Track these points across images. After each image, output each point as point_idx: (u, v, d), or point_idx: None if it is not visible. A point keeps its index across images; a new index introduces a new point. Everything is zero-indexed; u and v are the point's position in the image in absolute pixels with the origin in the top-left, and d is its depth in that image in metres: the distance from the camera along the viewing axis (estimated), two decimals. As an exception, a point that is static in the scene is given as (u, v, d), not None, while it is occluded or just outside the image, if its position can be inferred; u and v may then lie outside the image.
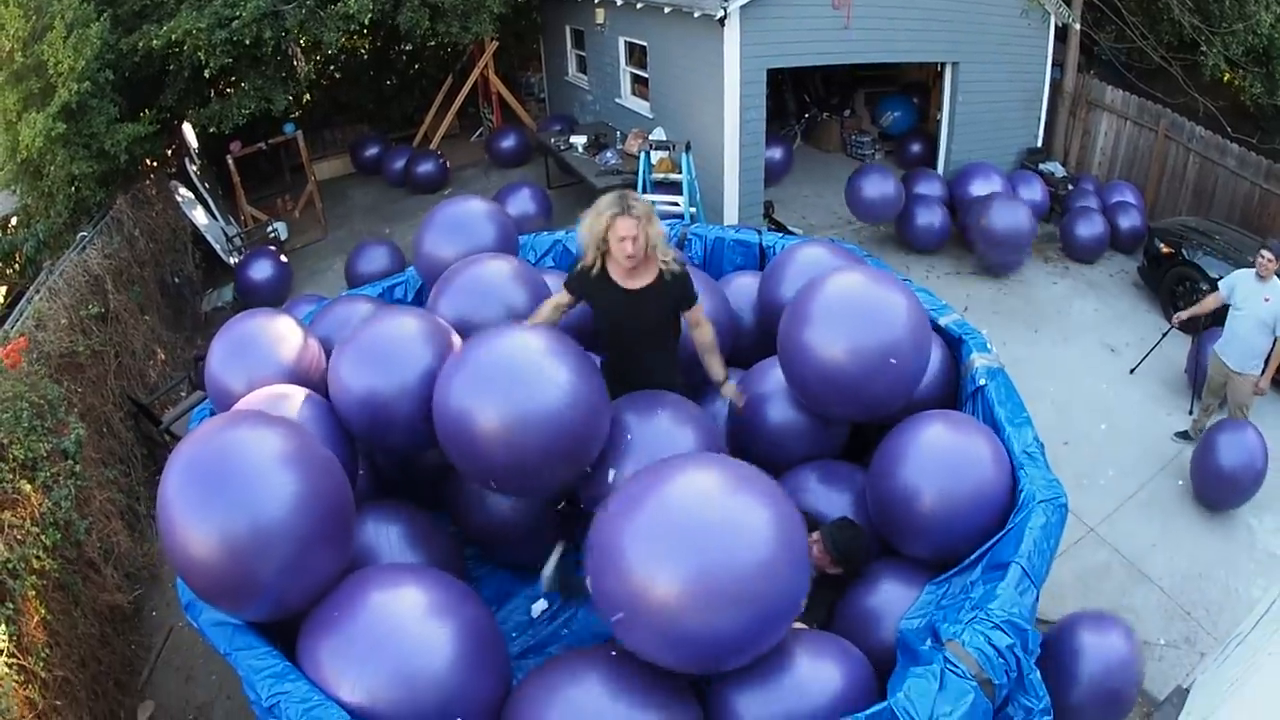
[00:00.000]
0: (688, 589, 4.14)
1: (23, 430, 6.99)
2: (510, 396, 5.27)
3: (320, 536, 4.71)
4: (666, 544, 4.24)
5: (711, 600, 4.16)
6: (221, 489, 4.48)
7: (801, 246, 7.78)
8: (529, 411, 5.24)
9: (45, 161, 12.26)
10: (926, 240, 14.50)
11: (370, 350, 6.10)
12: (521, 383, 5.33)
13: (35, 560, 6.31)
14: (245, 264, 14.23)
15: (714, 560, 4.19)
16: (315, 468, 4.79)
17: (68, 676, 6.35)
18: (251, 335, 6.61)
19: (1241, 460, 8.86)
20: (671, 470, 4.57)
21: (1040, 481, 5.41)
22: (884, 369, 5.91)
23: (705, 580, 4.16)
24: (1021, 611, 4.65)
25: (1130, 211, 14.95)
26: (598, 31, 17.95)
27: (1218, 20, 16.68)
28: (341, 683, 4.37)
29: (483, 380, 5.39)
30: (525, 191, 14.19)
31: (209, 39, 13.32)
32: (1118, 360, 11.85)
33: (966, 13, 14.74)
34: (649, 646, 4.42)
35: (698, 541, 4.22)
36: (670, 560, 4.19)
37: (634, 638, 4.42)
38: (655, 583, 4.17)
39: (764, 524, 4.33)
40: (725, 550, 4.21)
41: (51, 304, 9.48)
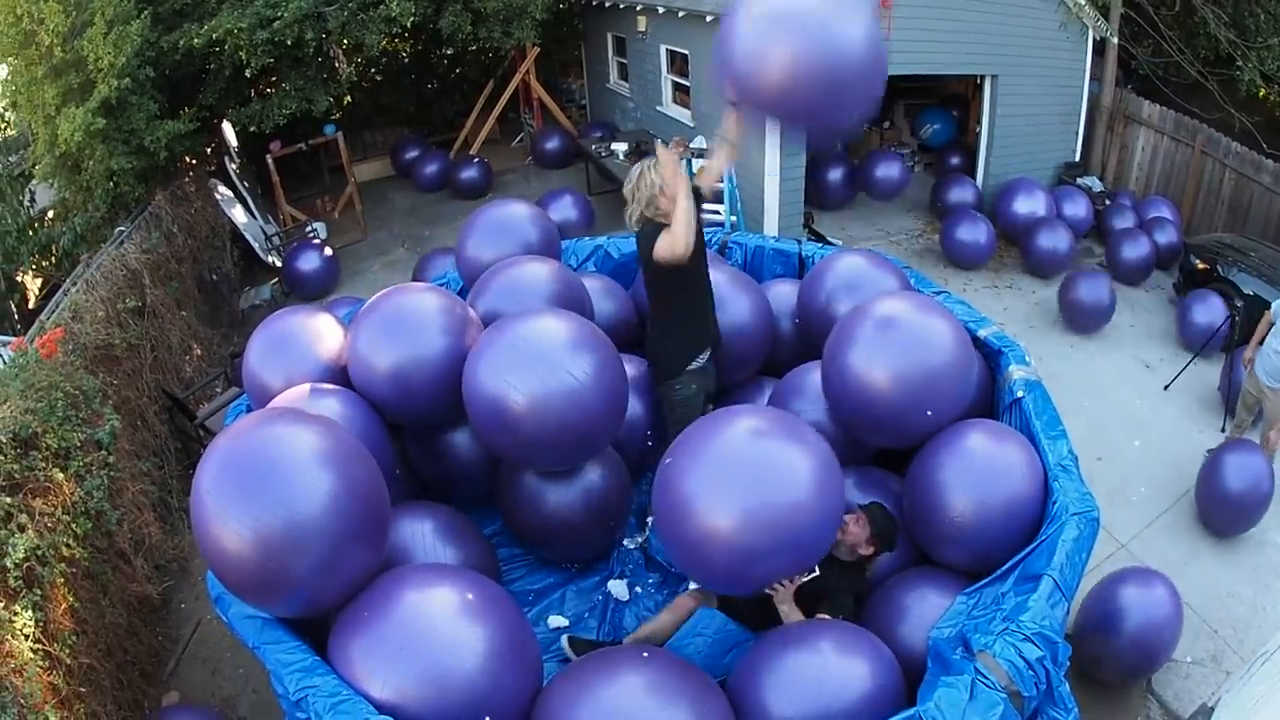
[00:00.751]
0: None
1: (57, 420, 7.02)
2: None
3: (354, 535, 4.71)
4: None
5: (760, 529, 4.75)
6: (257, 484, 4.50)
7: (840, 256, 7.81)
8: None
9: (84, 156, 12.37)
10: (972, 256, 14.44)
11: (388, 320, 6.35)
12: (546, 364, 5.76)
13: (65, 548, 6.35)
14: (294, 255, 14.46)
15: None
16: (351, 466, 4.80)
17: (93, 664, 6.39)
18: (290, 332, 6.75)
19: (1247, 483, 8.79)
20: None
21: (1074, 494, 5.39)
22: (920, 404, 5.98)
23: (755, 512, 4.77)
24: (1052, 624, 4.63)
25: (1167, 227, 14.86)
26: (639, 39, 17.95)
27: (1253, 35, 16.62)
28: (372, 681, 4.38)
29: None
30: (568, 198, 14.27)
31: (250, 39, 13.42)
32: (1153, 376, 11.78)
33: (1005, 26, 14.70)
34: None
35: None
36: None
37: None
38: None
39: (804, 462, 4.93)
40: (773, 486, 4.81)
41: (89, 296, 9.57)
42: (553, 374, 5.82)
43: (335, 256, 15.01)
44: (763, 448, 4.99)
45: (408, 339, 6.42)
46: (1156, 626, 6.86)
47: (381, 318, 6.54)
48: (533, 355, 5.87)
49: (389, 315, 6.55)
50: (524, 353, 5.88)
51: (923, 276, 8.05)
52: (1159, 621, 6.87)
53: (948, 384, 6.05)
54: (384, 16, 14.47)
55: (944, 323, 6.20)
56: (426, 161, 19.38)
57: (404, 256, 16.06)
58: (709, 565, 5.05)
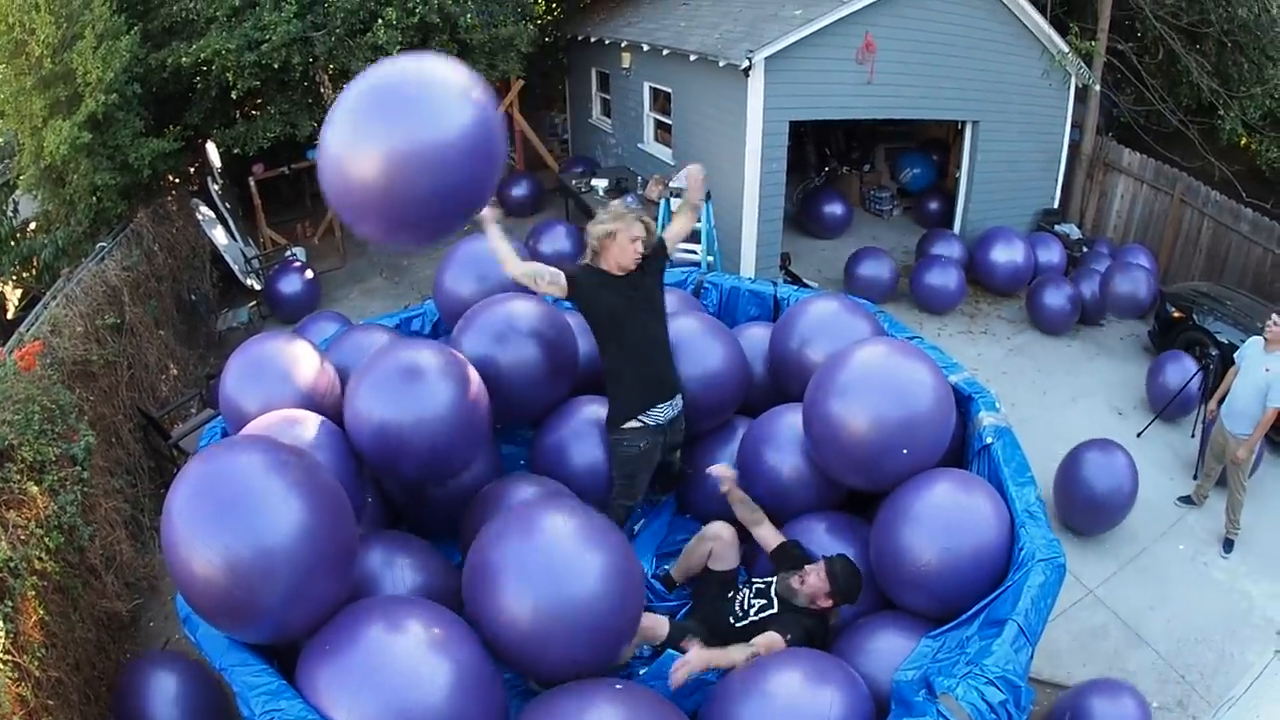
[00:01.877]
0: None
1: (33, 433, 7.04)
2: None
3: (323, 565, 4.74)
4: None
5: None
6: (227, 511, 4.53)
7: (814, 300, 7.86)
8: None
9: (68, 169, 12.38)
10: (941, 301, 14.53)
11: (387, 381, 6.23)
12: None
13: (37, 561, 6.35)
14: (276, 278, 14.53)
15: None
16: (322, 496, 4.83)
17: (61, 678, 6.37)
18: (267, 358, 6.74)
19: (1110, 485, 8.99)
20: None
21: (1040, 540, 5.43)
22: (899, 446, 6.04)
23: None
24: (1016, 668, 4.66)
25: (1143, 275, 14.86)
26: (623, 76, 18.13)
27: (1236, 84, 16.84)
28: (336, 711, 4.39)
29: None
30: (560, 229, 14.34)
31: (238, 60, 13.49)
32: (1125, 424, 11.86)
33: (988, 72, 14.87)
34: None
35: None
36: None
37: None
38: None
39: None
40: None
41: (68, 311, 9.57)
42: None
43: (317, 280, 15.02)
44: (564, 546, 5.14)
45: (407, 402, 6.32)
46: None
47: (378, 378, 6.47)
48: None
49: (384, 376, 6.48)
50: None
51: (896, 321, 8.11)
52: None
53: (927, 429, 6.12)
54: (371, 44, 14.55)
55: (925, 369, 6.29)
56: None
57: (382, 284, 16.10)
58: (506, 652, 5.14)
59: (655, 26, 16.47)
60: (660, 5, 17.76)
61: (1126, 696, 6.72)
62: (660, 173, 15.84)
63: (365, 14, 14.69)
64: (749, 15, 14.19)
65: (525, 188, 19.23)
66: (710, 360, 7.38)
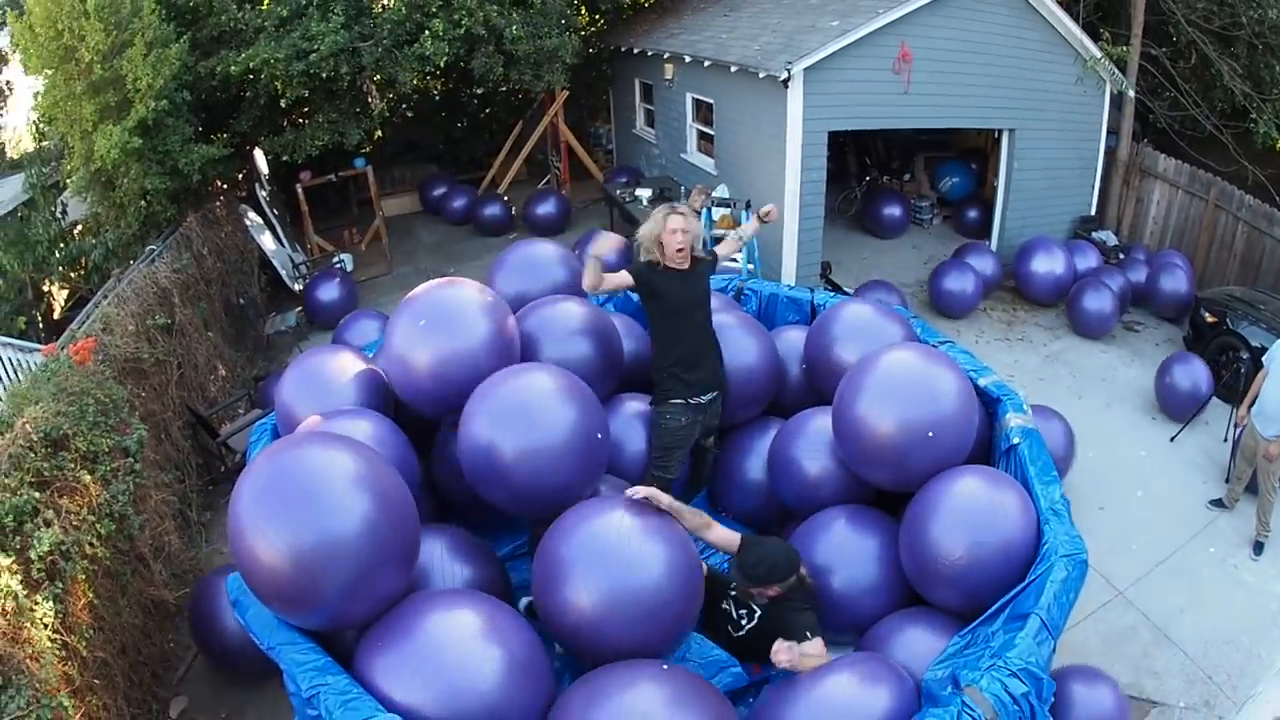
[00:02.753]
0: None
1: (87, 424, 7.24)
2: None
3: (384, 560, 4.96)
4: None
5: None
6: (296, 502, 4.76)
7: (848, 304, 8.08)
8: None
9: (119, 173, 12.61)
10: (959, 305, 14.64)
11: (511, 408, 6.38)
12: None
13: (88, 546, 6.54)
14: (314, 285, 14.72)
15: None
16: (387, 494, 5.06)
17: (107, 659, 6.58)
18: (323, 369, 7.27)
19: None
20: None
21: (1063, 537, 5.56)
22: (925, 442, 6.22)
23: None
24: (1038, 660, 4.78)
25: (1179, 279, 14.88)
26: (666, 87, 18.26)
27: (1269, 86, 16.71)
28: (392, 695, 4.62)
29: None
30: (605, 237, 14.42)
31: (286, 70, 13.72)
32: (1159, 428, 11.86)
33: (1024, 80, 14.89)
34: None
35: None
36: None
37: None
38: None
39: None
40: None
41: (120, 310, 9.81)
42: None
43: (354, 288, 15.23)
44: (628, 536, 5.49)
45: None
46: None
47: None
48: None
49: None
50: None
51: (929, 326, 8.24)
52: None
53: (950, 430, 6.29)
54: (417, 55, 14.78)
55: (949, 373, 6.47)
56: (457, 197, 19.73)
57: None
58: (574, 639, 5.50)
59: (697, 38, 16.59)
60: (701, 17, 17.89)
61: (1103, 685, 6.79)
62: (703, 182, 15.93)
63: (412, 25, 14.91)
64: (788, 27, 14.30)
65: (551, 205, 18.96)
66: (745, 354, 7.70)
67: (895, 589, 6.30)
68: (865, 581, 6.34)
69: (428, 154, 21.79)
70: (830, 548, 6.46)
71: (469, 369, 6.65)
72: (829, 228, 15.09)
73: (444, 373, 6.73)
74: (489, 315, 6.95)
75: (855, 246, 17.44)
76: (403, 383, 6.97)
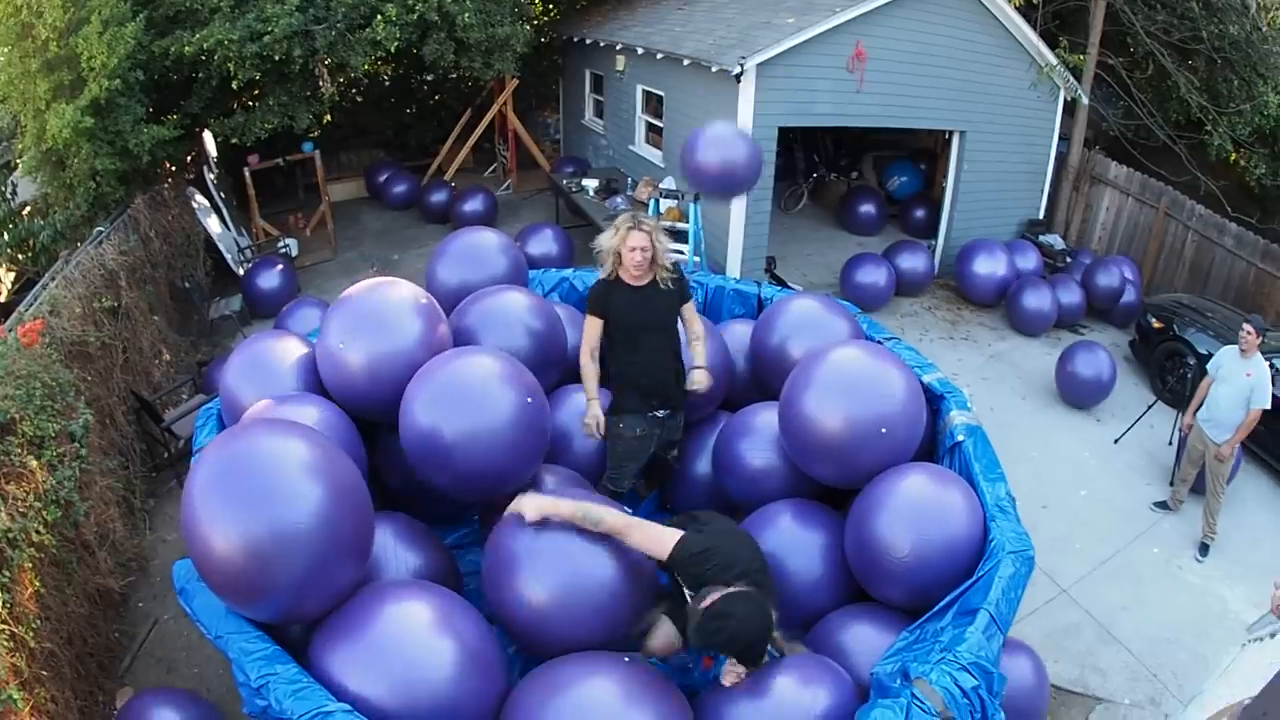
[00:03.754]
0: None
1: (34, 408, 7.14)
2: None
3: (340, 551, 4.92)
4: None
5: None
6: (249, 491, 4.71)
7: (795, 299, 8.10)
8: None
9: (69, 153, 12.46)
10: (871, 298, 14.72)
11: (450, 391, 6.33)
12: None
13: (35, 534, 6.41)
14: (254, 273, 14.52)
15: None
16: (341, 482, 5.02)
17: (55, 650, 6.46)
18: (267, 354, 7.18)
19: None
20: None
21: (1010, 534, 5.62)
22: (877, 439, 6.25)
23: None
24: (988, 655, 4.83)
25: (1126, 287, 15.16)
26: (617, 78, 18.25)
27: (1226, 100, 17.02)
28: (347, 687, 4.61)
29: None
30: (548, 231, 14.37)
31: (240, 51, 13.55)
32: (1103, 430, 12.03)
33: (977, 83, 15.02)
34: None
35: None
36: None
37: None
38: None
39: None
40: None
41: (67, 292, 9.64)
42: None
43: (294, 275, 15.09)
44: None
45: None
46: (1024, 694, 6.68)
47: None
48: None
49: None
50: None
51: (875, 323, 8.29)
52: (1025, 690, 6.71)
53: (898, 427, 6.34)
54: (370, 39, 14.67)
55: (896, 370, 6.52)
56: (401, 182, 19.60)
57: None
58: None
59: (650, 30, 16.58)
60: (656, 10, 17.87)
61: (1023, 655, 6.86)
62: (650, 175, 15.93)
63: (366, 9, 14.79)
64: (742, 22, 14.32)
65: (479, 203, 17.92)
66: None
67: (841, 584, 6.33)
68: (811, 576, 6.34)
69: (376, 140, 21.65)
70: (776, 542, 6.41)
71: (402, 371, 6.59)
72: (774, 224, 15.12)
73: (376, 375, 6.68)
74: (422, 317, 6.91)
75: (800, 243, 17.48)
76: (335, 384, 6.89)
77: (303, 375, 7.08)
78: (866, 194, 18.48)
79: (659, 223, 7.59)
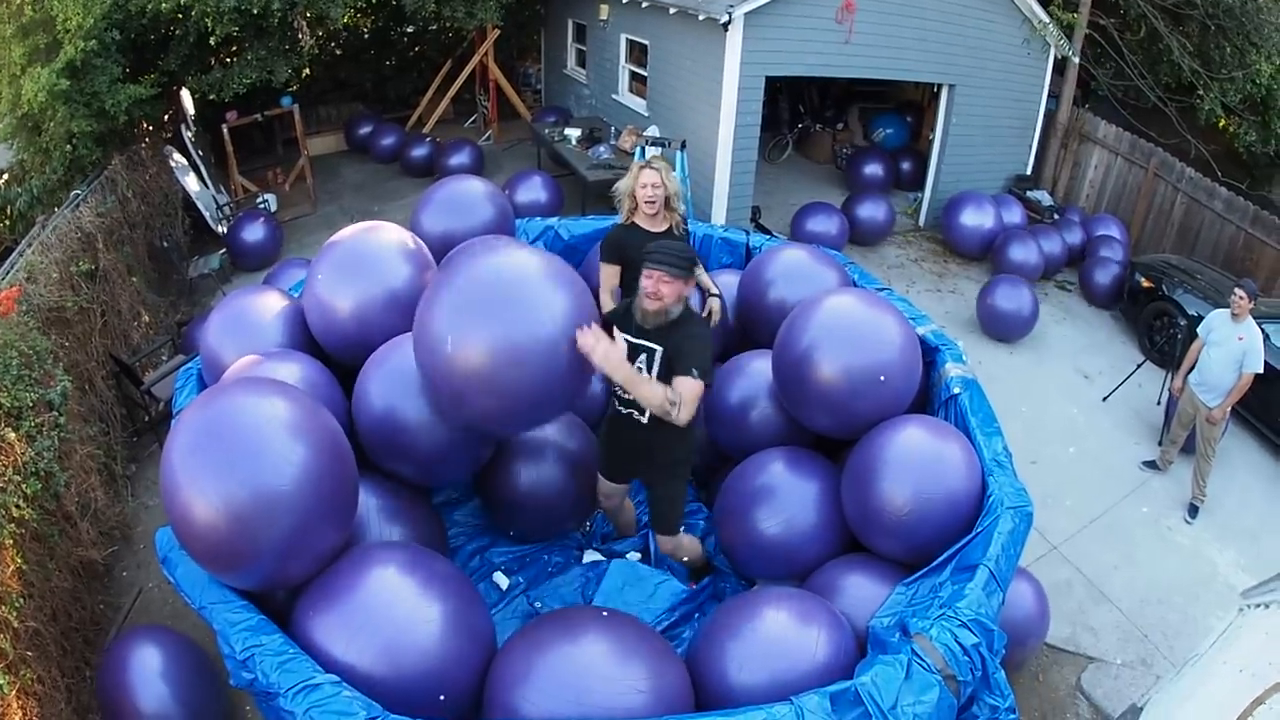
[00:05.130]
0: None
1: (10, 379, 7.01)
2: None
3: (325, 513, 4.82)
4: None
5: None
6: (229, 455, 4.57)
7: (783, 248, 8.00)
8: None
9: (45, 118, 12.31)
10: (873, 232, 15.07)
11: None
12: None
13: (15, 509, 6.29)
14: (238, 227, 14.38)
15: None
16: (325, 441, 4.90)
17: (39, 628, 6.31)
18: (248, 310, 6.98)
19: None
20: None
21: (1009, 489, 5.57)
22: (875, 388, 6.16)
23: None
24: (988, 612, 4.79)
25: (1114, 245, 15.13)
26: (600, 27, 18.06)
27: (1218, 66, 16.94)
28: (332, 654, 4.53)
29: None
30: (537, 179, 14.30)
31: (217, 6, 13.30)
32: (1091, 387, 12.01)
33: (967, 38, 14.92)
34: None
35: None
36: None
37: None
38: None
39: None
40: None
41: (43, 258, 9.49)
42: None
43: (279, 228, 14.94)
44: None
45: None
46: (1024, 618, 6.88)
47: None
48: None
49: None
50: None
51: (866, 273, 8.21)
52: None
53: (895, 377, 6.27)
54: (351, -10, 14.46)
55: (893, 319, 6.43)
56: (385, 136, 19.28)
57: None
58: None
59: (635, -22, 16.35)
60: (640, -43, 17.63)
61: (1024, 581, 6.92)
62: (633, 124, 15.81)
63: (347, -41, 14.58)
64: (732, -30, 14.15)
65: (465, 156, 17.50)
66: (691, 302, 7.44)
67: (835, 534, 6.28)
68: (806, 525, 6.29)
69: (354, 93, 21.37)
70: (769, 491, 6.39)
71: (390, 316, 6.50)
72: (759, 174, 15.06)
73: (365, 319, 6.55)
74: (411, 261, 6.77)
75: (784, 193, 17.31)
76: (323, 330, 6.76)
77: (286, 330, 6.91)
78: (875, 155, 18.11)
79: (670, 166, 7.58)
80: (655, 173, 7.02)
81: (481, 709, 4.80)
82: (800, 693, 4.36)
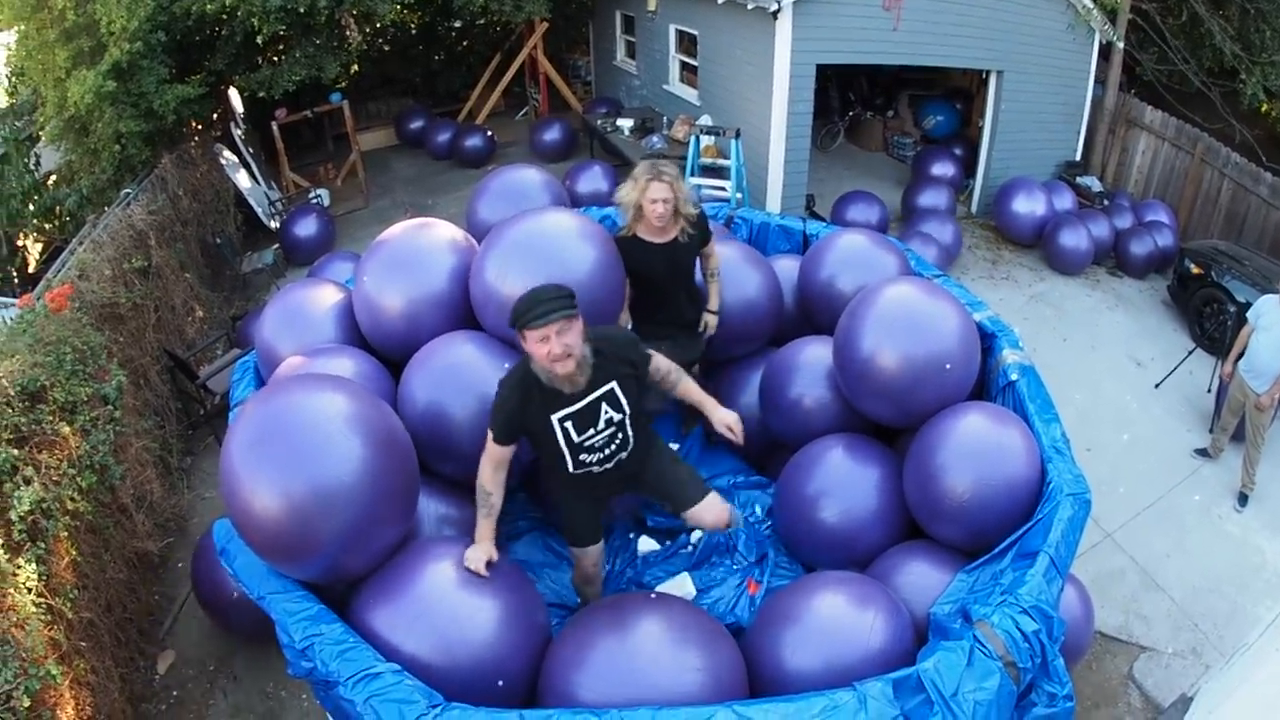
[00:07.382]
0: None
1: (65, 374, 7.07)
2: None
3: (384, 507, 4.82)
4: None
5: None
6: (290, 449, 4.59)
7: (843, 233, 7.87)
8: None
9: (92, 119, 12.42)
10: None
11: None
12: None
13: (70, 501, 6.36)
14: (291, 221, 14.56)
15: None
16: (385, 436, 4.90)
17: (94, 619, 6.41)
18: (303, 304, 6.97)
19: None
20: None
21: (1068, 475, 5.49)
22: (938, 376, 6.13)
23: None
24: (1049, 599, 4.71)
25: (1163, 231, 14.99)
26: (648, 18, 18.06)
27: (1258, 50, 16.73)
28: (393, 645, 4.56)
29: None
30: (597, 169, 14.43)
31: (263, 6, 13.38)
32: (1143, 374, 11.90)
33: (1014, 24, 14.82)
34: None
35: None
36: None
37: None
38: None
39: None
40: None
41: (95, 255, 9.60)
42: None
43: (332, 221, 15.07)
44: None
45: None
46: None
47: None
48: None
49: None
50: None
51: (922, 259, 8.13)
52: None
53: (956, 365, 6.21)
54: (397, -13, 14.51)
55: (953, 308, 6.37)
56: (437, 130, 19.37)
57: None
58: None
59: (682, -31, 16.38)
60: (687, -53, 17.62)
61: (1070, 585, 6.81)
62: (685, 113, 15.81)
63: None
64: (779, -41, 14.11)
65: (557, 131, 18.67)
66: (748, 288, 7.45)
67: (895, 521, 6.22)
68: (867, 512, 6.23)
69: (403, 88, 21.50)
70: (829, 478, 6.34)
71: (439, 314, 6.50)
72: (812, 162, 15.00)
73: (414, 319, 6.52)
74: (461, 258, 6.72)
75: (836, 181, 17.22)
76: (371, 328, 6.74)
77: (340, 322, 6.88)
78: (942, 154, 17.47)
79: (678, 169, 6.92)
80: (665, 185, 6.33)
81: (537, 696, 4.81)
82: (854, 678, 4.32)
